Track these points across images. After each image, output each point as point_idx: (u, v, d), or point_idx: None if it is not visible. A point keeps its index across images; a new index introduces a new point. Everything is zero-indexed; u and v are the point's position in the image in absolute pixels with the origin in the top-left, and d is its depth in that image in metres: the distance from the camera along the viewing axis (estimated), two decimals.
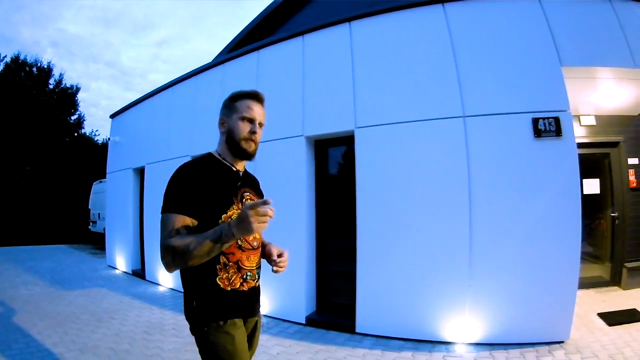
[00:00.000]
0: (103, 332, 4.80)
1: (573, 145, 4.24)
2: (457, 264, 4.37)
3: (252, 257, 1.81)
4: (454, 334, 4.37)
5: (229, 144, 1.81)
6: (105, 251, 10.49)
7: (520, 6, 4.62)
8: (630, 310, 5.04)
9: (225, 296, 1.70)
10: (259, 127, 1.82)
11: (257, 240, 1.85)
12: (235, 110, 1.80)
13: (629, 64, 4.54)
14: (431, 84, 4.71)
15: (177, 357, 4.06)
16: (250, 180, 1.96)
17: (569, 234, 4.15)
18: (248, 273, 1.78)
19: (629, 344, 4.04)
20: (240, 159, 1.85)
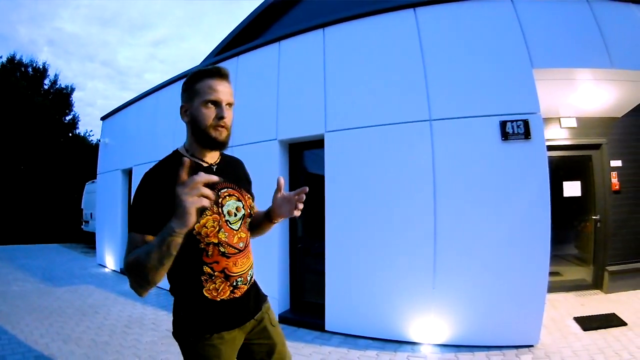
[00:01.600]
0: (86, 325, 5.06)
1: (543, 147, 4.20)
2: (422, 266, 4.37)
3: (241, 261, 1.62)
4: (420, 335, 4.37)
5: (196, 135, 1.55)
6: (96, 250, 10.72)
7: (492, 8, 4.60)
8: (609, 315, 4.95)
9: (213, 308, 1.56)
10: (227, 109, 1.53)
11: (242, 240, 1.65)
12: (196, 94, 1.52)
13: (606, 65, 4.48)
14: (399, 88, 4.72)
15: (152, 349, 4.25)
16: (228, 171, 1.69)
17: (538, 237, 4.13)
18: (238, 279, 1.61)
19: (603, 350, 3.96)
20: (210, 150, 1.61)
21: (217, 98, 1.51)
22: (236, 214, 1.63)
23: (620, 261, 6.02)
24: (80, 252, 13.13)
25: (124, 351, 4.21)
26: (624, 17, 4.78)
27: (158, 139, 7.69)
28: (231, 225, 1.60)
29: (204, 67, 1.56)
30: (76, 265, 10.27)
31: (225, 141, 1.56)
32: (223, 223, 1.57)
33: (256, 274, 1.81)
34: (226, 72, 1.57)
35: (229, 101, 1.55)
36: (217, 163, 1.67)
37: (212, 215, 1.53)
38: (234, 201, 1.64)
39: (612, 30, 4.60)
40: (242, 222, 1.66)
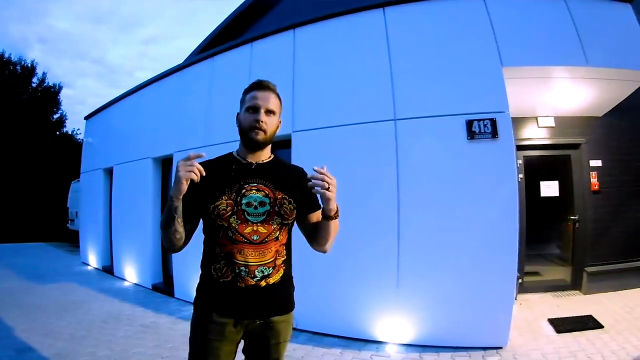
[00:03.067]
0: (67, 321, 5.22)
1: (511, 146, 4.16)
2: (387, 265, 4.34)
3: (248, 252, 1.66)
4: (385, 334, 4.35)
5: (241, 137, 1.79)
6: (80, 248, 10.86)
7: (463, 7, 4.57)
8: (585, 317, 4.87)
9: (214, 287, 1.69)
10: (266, 114, 1.74)
11: (258, 234, 1.69)
12: (243, 103, 1.80)
13: (581, 63, 4.43)
14: (365, 87, 4.70)
15: (126, 343, 4.40)
16: (272, 172, 1.81)
17: (506, 237, 4.07)
18: (242, 269, 1.65)
19: (575, 354, 3.88)
20: (252, 150, 1.80)
21: (255, 104, 1.73)
22: (257, 207, 1.70)
23: (599, 262, 5.96)
24: (66, 250, 13.33)
25: (100, 345, 4.35)
26: (600, 15, 4.72)
27: (139, 137, 7.69)
28: (247, 216, 1.69)
29: (252, 82, 1.82)
30: (61, 263, 10.47)
31: (260, 141, 1.74)
32: (238, 210, 1.68)
33: None
34: (267, 84, 1.80)
35: (268, 108, 1.74)
36: (260, 163, 1.81)
37: (228, 200, 1.67)
38: (260, 196, 1.72)
39: (588, 29, 4.55)
40: (265, 218, 1.71)
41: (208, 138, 5.93)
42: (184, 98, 6.66)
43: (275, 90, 1.82)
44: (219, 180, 1.70)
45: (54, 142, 22.64)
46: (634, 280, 5.96)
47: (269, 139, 1.77)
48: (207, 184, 1.63)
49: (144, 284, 7.28)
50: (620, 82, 4.96)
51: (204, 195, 1.67)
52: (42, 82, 23.94)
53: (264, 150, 1.82)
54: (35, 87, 23.59)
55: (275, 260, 1.74)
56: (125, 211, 7.88)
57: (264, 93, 1.77)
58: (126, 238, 7.81)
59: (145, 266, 7.23)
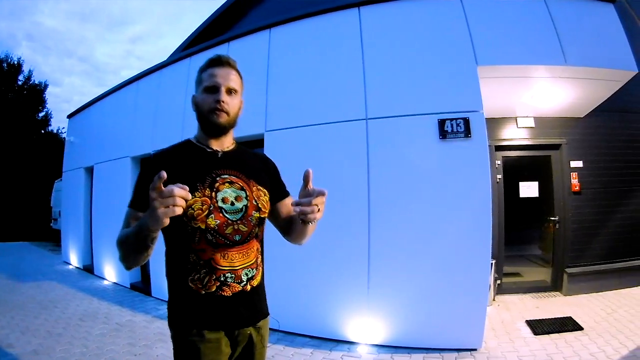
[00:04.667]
0: (44, 318, 5.30)
1: (484, 146, 4.12)
2: (358, 266, 4.31)
3: (233, 255, 1.48)
4: (357, 335, 4.32)
5: (200, 121, 1.59)
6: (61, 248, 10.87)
7: (439, 6, 4.54)
8: (564, 318, 4.83)
9: (196, 301, 1.45)
10: (227, 94, 1.53)
11: (240, 233, 1.50)
12: (199, 83, 1.58)
13: (560, 62, 4.41)
14: (338, 86, 4.67)
15: (100, 341, 4.44)
16: (240, 161, 1.63)
17: (479, 238, 4.04)
18: (228, 275, 1.46)
19: (552, 356, 3.83)
20: (214, 136, 1.59)
21: (214, 83, 1.52)
22: (234, 203, 1.51)
23: (580, 263, 5.94)
24: (49, 250, 13.38)
25: (75, 342, 4.41)
26: (581, 14, 4.71)
27: (118, 136, 7.65)
28: (226, 214, 1.48)
29: (209, 58, 1.60)
30: (43, 262, 10.52)
31: (223, 124, 1.54)
32: (215, 209, 1.46)
33: None
34: (227, 59, 1.58)
35: (229, 86, 1.55)
36: (224, 150, 1.62)
37: (202, 197, 1.45)
38: (234, 189, 1.53)
39: (568, 28, 4.53)
40: (243, 214, 1.52)
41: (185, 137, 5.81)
42: (163, 97, 6.63)
43: (236, 66, 1.62)
44: (186, 174, 1.45)
45: (38, 141, 22.43)
46: (615, 281, 5.96)
47: (232, 121, 1.58)
48: (172, 179, 1.31)
49: (123, 282, 7.25)
50: (601, 82, 4.93)
51: None
52: (28, 80, 23.68)
53: (227, 135, 1.63)
54: (21, 84, 23.32)
55: (257, 259, 1.59)
56: (105, 210, 7.83)
57: (223, 70, 1.56)
58: (106, 237, 7.74)
59: None
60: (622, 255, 6.12)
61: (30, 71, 23.97)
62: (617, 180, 6.21)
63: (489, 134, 5.66)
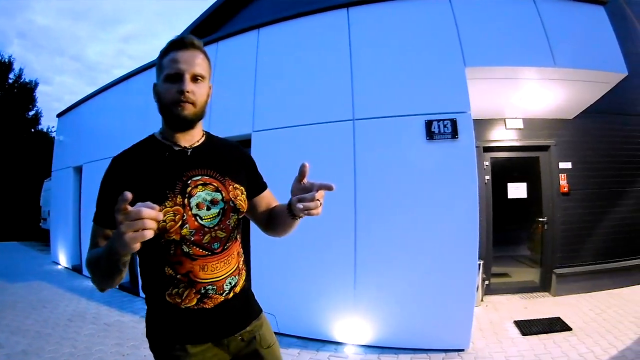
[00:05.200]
0: (34, 319, 5.34)
1: (471, 147, 4.12)
2: (344, 266, 4.30)
3: (213, 266, 1.36)
4: (344, 335, 4.32)
5: (163, 114, 1.38)
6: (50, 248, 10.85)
7: (428, 7, 4.54)
8: (552, 319, 4.83)
9: (176, 315, 1.34)
10: (192, 81, 1.33)
11: (218, 240, 1.38)
12: (161, 70, 1.36)
13: (549, 64, 4.41)
14: (326, 87, 4.66)
15: (89, 341, 4.46)
16: (211, 156, 1.45)
17: (466, 239, 4.05)
18: (209, 287, 1.34)
19: (540, 357, 3.83)
20: (180, 131, 1.40)
21: (177, 70, 1.31)
22: (210, 208, 1.36)
23: (569, 264, 5.97)
24: (38, 249, 13.40)
25: (64, 342, 4.44)
26: (571, 16, 4.74)
27: (107, 136, 7.61)
28: (201, 220, 1.34)
29: (171, 39, 1.38)
30: (33, 262, 10.54)
31: (189, 117, 1.35)
32: (189, 217, 1.31)
33: None
34: (191, 40, 1.37)
35: (195, 72, 1.34)
36: (194, 146, 1.44)
37: (174, 207, 1.28)
38: (208, 192, 1.37)
39: (557, 29, 4.54)
40: (221, 219, 1.39)
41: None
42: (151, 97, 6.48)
43: (201, 46, 1.41)
44: (153, 180, 1.30)
45: (28, 140, 22.29)
46: (605, 282, 5.98)
47: (199, 112, 1.39)
48: (139, 187, 1.21)
49: None
50: (591, 83, 4.95)
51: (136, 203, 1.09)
52: (19, 78, 23.57)
53: (195, 127, 1.43)
54: (12, 83, 23.19)
55: (239, 264, 1.48)
56: (89, 211, 7.72)
57: (187, 53, 1.35)
58: None
59: None
60: (611, 256, 6.15)
61: (21, 69, 23.93)
62: (606, 181, 6.25)
63: (478, 135, 5.67)
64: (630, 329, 4.41)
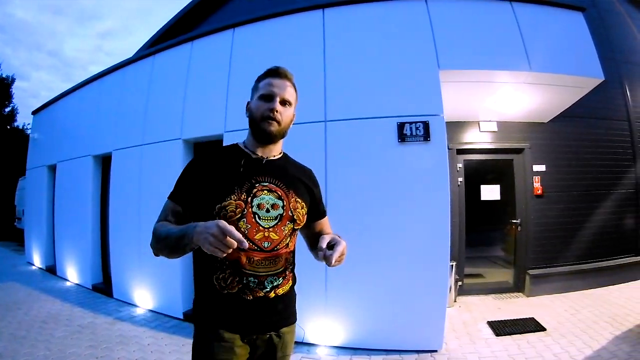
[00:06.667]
0: (8, 321, 5.24)
1: (443, 150, 4.15)
2: (314, 268, 4.18)
3: (259, 261, 1.49)
4: (316, 336, 4.30)
5: (251, 127, 1.62)
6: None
7: (403, 10, 4.55)
8: (526, 319, 4.88)
9: (217, 299, 1.49)
10: (281, 105, 1.58)
11: (270, 240, 1.53)
12: (256, 90, 1.64)
13: (524, 68, 4.46)
14: (300, 88, 4.54)
15: (63, 344, 4.41)
16: (283, 170, 1.66)
17: (437, 240, 4.06)
18: (251, 279, 1.48)
19: (514, 357, 3.86)
20: (262, 143, 1.62)
21: (269, 92, 1.57)
22: (269, 210, 1.54)
23: (543, 265, 6.06)
24: (12, 249, 13.14)
25: (38, 345, 4.38)
26: (549, 21, 4.79)
27: (81, 134, 7.45)
28: (259, 219, 1.51)
29: (269, 68, 1.64)
30: (6, 263, 10.32)
31: (273, 133, 1.57)
32: (248, 213, 1.49)
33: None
34: (285, 71, 1.63)
35: (284, 97, 1.59)
36: (270, 158, 1.65)
37: (237, 200, 1.48)
38: (271, 197, 1.56)
39: (534, 34, 4.59)
40: (277, 223, 1.55)
41: (146, 136, 5.80)
42: (125, 95, 6.48)
43: (292, 79, 1.68)
44: (226, 176, 1.52)
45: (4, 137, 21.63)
46: (579, 282, 6.08)
47: (282, 131, 1.62)
48: (213, 179, 1.51)
49: (85, 284, 7.08)
50: (567, 88, 5.01)
51: (208, 192, 1.49)
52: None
53: (276, 144, 1.67)
54: None
55: (285, 269, 1.60)
56: (67, 210, 7.63)
57: (280, 81, 1.62)
58: (67, 238, 7.56)
59: (85, 266, 7.04)
60: (585, 257, 6.27)
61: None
62: (580, 184, 6.36)
63: (451, 137, 5.72)
64: (606, 329, 4.46)
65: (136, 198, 5.58)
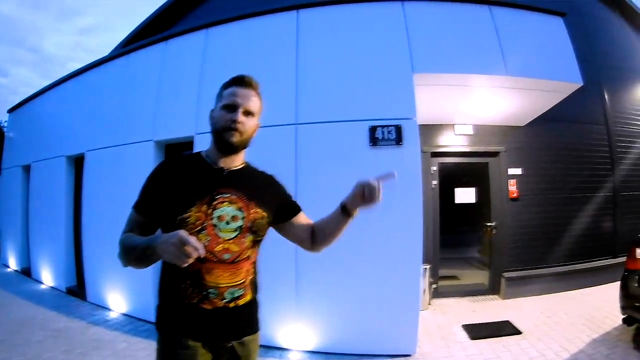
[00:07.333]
0: None
1: (416, 153, 4.14)
2: (286, 271, 4.24)
3: (219, 272, 1.48)
4: (289, 341, 4.26)
5: (213, 137, 1.61)
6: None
7: (379, 12, 4.52)
8: (502, 322, 4.88)
9: (178, 308, 1.49)
10: (244, 115, 1.56)
11: (230, 252, 1.51)
12: (220, 98, 1.61)
13: (501, 72, 4.45)
14: (270, 90, 4.46)
15: (38, 348, 4.34)
16: (244, 181, 1.64)
17: (409, 243, 4.05)
18: (211, 290, 1.47)
19: None
20: (224, 154, 1.60)
21: (233, 102, 1.55)
22: (229, 222, 1.52)
23: (518, 267, 6.10)
24: None
25: (15, 349, 4.30)
26: (528, 26, 4.80)
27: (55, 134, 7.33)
28: (219, 231, 1.50)
29: (233, 76, 1.63)
30: None
31: (236, 144, 1.56)
32: (209, 225, 1.48)
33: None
34: (250, 80, 1.63)
35: (247, 108, 1.57)
36: (231, 169, 1.63)
37: (198, 212, 1.48)
38: (231, 209, 1.54)
39: (512, 38, 4.59)
40: (238, 235, 1.54)
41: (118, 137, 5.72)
42: (98, 95, 6.37)
43: (258, 88, 1.66)
44: (188, 188, 1.51)
45: None
46: (555, 284, 6.15)
47: (245, 141, 1.61)
48: (174, 190, 1.50)
49: (59, 287, 6.96)
50: (544, 92, 5.01)
51: (169, 204, 1.48)
52: None
53: (238, 154, 1.65)
54: None
55: (245, 280, 1.58)
56: (41, 212, 7.50)
57: (245, 90, 1.60)
58: (42, 240, 7.44)
59: (59, 269, 6.93)
60: (562, 259, 6.34)
61: None
62: (555, 187, 6.43)
63: (426, 140, 5.70)
64: (583, 331, 4.48)
65: (109, 200, 5.48)
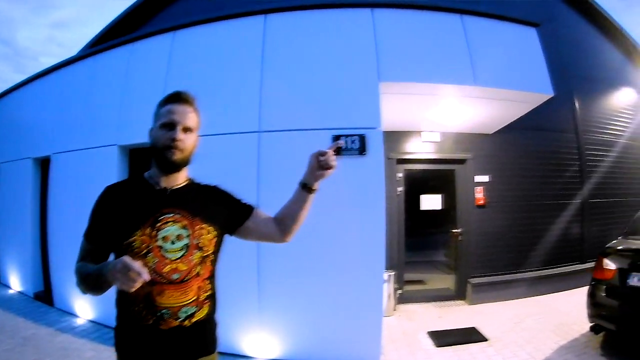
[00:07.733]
0: None
1: (380, 163, 4.16)
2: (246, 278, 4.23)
3: (170, 293, 1.47)
4: (253, 349, 4.24)
5: (154, 157, 1.60)
6: None
7: (347, 17, 4.51)
8: (468, 329, 4.90)
9: (135, 330, 1.48)
10: (183, 132, 1.56)
11: (178, 272, 1.50)
12: (157, 117, 1.61)
13: (469, 82, 4.44)
14: (234, 96, 4.53)
15: (7, 357, 4.29)
16: (188, 198, 1.64)
17: (371, 251, 4.07)
18: (164, 311, 1.46)
19: None
20: (166, 173, 1.61)
21: (170, 120, 1.55)
22: (174, 242, 1.52)
23: (484, 273, 6.19)
24: None
25: None
26: (499, 36, 4.81)
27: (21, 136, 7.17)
28: (165, 252, 1.50)
29: (169, 94, 1.63)
30: None
31: (177, 162, 1.57)
32: (154, 247, 1.49)
33: None
34: (186, 96, 1.62)
35: (186, 125, 1.57)
36: (174, 188, 1.63)
37: (142, 236, 1.48)
38: (175, 227, 1.54)
39: (482, 48, 4.59)
40: (185, 254, 1.53)
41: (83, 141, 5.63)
42: (64, 97, 6.25)
43: (194, 103, 1.65)
44: (131, 212, 1.52)
45: None
46: (523, 290, 6.25)
47: (186, 158, 1.61)
48: (118, 216, 1.50)
49: (27, 292, 6.82)
50: (513, 102, 5.04)
51: (115, 230, 1.49)
52: None
53: (180, 172, 1.65)
54: None
55: (198, 297, 1.56)
56: (8, 215, 7.32)
57: (181, 107, 1.59)
58: (8, 244, 7.28)
59: (27, 274, 6.79)
60: (530, 265, 6.46)
61: None
62: (523, 194, 6.54)
63: (392, 147, 5.73)
64: (550, 338, 4.51)
65: (75, 205, 5.35)
